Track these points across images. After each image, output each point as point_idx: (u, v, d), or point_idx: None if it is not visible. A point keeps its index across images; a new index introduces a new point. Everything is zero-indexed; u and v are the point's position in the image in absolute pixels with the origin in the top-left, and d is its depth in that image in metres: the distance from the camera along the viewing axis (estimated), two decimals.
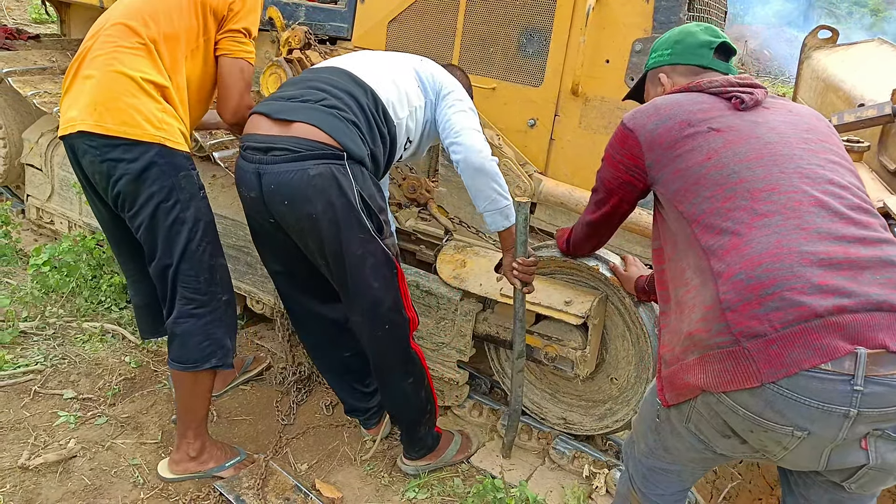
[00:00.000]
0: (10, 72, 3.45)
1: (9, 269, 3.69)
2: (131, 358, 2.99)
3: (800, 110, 1.60)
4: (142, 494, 2.27)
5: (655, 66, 1.84)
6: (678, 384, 1.42)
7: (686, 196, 1.49)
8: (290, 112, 1.97)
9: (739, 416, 1.31)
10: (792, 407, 1.24)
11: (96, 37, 2.14)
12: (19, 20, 8.15)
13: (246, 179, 2.00)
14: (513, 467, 2.56)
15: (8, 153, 3.81)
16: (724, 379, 1.30)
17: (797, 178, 1.39)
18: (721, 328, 1.30)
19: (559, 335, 2.45)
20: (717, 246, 1.38)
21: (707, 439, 1.45)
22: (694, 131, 1.52)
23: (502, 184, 2.13)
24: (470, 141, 2.11)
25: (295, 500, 2.28)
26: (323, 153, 1.92)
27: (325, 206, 1.93)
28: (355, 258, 2.01)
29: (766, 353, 1.24)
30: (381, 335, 2.15)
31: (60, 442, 2.46)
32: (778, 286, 1.26)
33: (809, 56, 3.71)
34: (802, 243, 1.30)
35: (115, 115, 2.02)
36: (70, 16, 4.31)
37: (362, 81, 2.09)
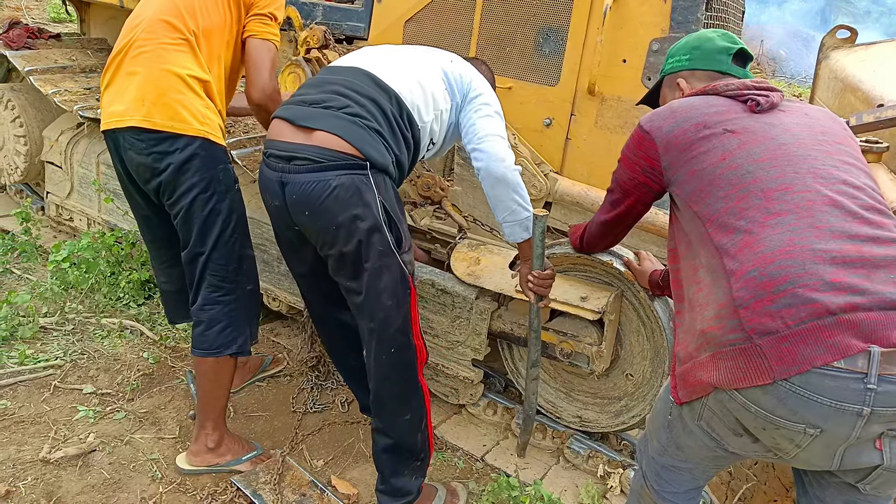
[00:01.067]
0: (31, 70, 3.49)
1: (29, 266, 3.74)
2: (149, 354, 3.02)
3: (815, 113, 1.61)
4: (160, 489, 2.30)
5: (673, 72, 1.85)
6: (691, 381, 1.43)
7: (701, 196, 1.50)
8: (313, 119, 1.92)
9: (751, 414, 1.31)
10: (804, 405, 1.24)
11: (135, 32, 2.18)
12: (38, 19, 8.24)
13: (270, 187, 1.98)
14: (527, 466, 2.57)
15: (28, 151, 3.85)
16: (736, 376, 1.30)
17: (811, 177, 1.40)
18: (734, 325, 1.31)
19: (575, 331, 2.45)
20: (729, 244, 1.39)
21: (719, 437, 1.45)
22: (709, 133, 1.54)
23: (524, 194, 2.07)
24: (493, 149, 2.03)
25: (311, 496, 2.30)
26: (345, 163, 1.88)
27: (346, 218, 1.89)
28: (372, 272, 1.95)
29: (779, 350, 1.24)
30: (386, 358, 2.04)
31: (80, 436, 2.49)
32: (790, 283, 1.26)
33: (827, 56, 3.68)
34: (815, 241, 1.30)
35: (164, 111, 2.11)
36: (90, 14, 4.35)
37: (386, 85, 2.02)
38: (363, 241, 1.91)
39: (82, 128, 3.67)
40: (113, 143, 2.21)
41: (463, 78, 2.18)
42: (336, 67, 2.14)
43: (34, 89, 3.52)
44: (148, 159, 2.14)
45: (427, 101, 2.08)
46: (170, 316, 2.69)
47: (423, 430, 2.15)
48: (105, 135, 2.22)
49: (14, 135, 3.84)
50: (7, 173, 3.99)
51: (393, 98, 2.01)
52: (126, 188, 2.35)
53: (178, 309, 2.61)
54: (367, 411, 2.56)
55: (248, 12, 2.28)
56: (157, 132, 2.11)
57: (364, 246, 1.92)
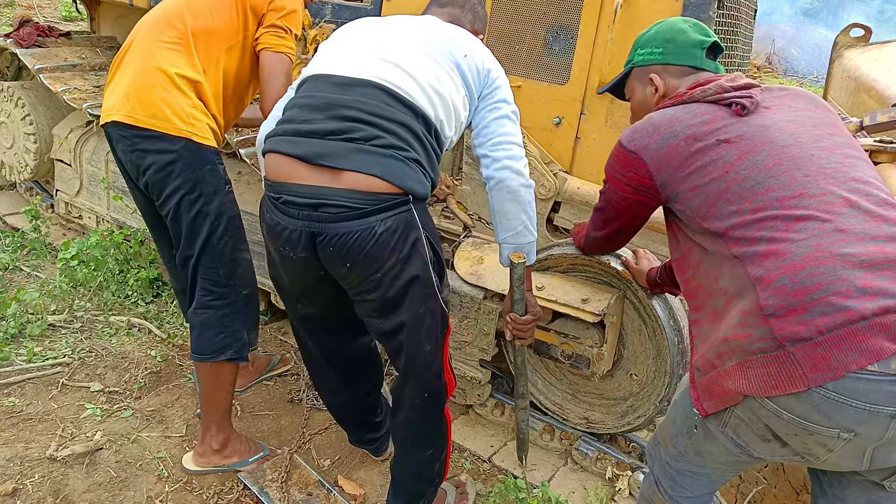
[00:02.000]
0: (41, 68, 3.50)
1: (38, 263, 3.75)
2: (157, 352, 3.02)
3: (798, 103, 1.58)
4: (166, 487, 2.30)
5: (644, 65, 1.80)
6: (717, 391, 1.40)
7: (709, 212, 1.47)
8: (337, 157, 1.63)
9: (783, 421, 1.30)
10: (839, 410, 1.23)
11: (139, 30, 2.21)
12: (49, 18, 8.28)
13: (289, 238, 1.68)
14: (535, 468, 2.55)
15: (38, 148, 3.86)
16: (768, 384, 1.28)
17: (822, 179, 1.38)
18: (764, 333, 1.29)
19: (576, 333, 2.43)
20: (752, 252, 1.37)
21: (745, 443, 1.43)
22: (703, 146, 1.50)
23: (533, 216, 1.89)
24: (509, 159, 1.83)
25: (318, 495, 2.30)
26: (389, 204, 1.64)
27: (393, 263, 1.69)
28: (415, 316, 1.78)
29: (812, 357, 1.23)
30: (419, 402, 1.91)
31: (87, 434, 2.50)
32: (823, 291, 1.25)
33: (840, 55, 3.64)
34: (842, 245, 1.28)
35: (146, 108, 2.09)
36: (99, 13, 4.36)
37: (410, 102, 1.73)
38: (409, 286, 1.74)
39: (91, 126, 3.68)
40: (108, 137, 2.23)
41: (480, 71, 1.90)
42: (338, 80, 1.75)
43: (44, 87, 3.53)
44: (132, 156, 2.14)
45: (450, 116, 1.83)
46: (184, 313, 2.68)
47: (443, 460, 2.08)
48: (103, 129, 2.23)
49: (24, 132, 3.86)
50: (17, 171, 4.00)
51: (420, 117, 1.75)
52: (128, 183, 2.35)
53: (186, 308, 2.60)
54: (362, 445, 2.46)
55: (262, 24, 2.26)
56: (138, 129, 2.09)
57: (410, 290, 1.74)
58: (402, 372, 1.90)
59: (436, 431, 2.01)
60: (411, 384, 1.90)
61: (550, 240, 2.60)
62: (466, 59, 1.87)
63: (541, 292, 2.38)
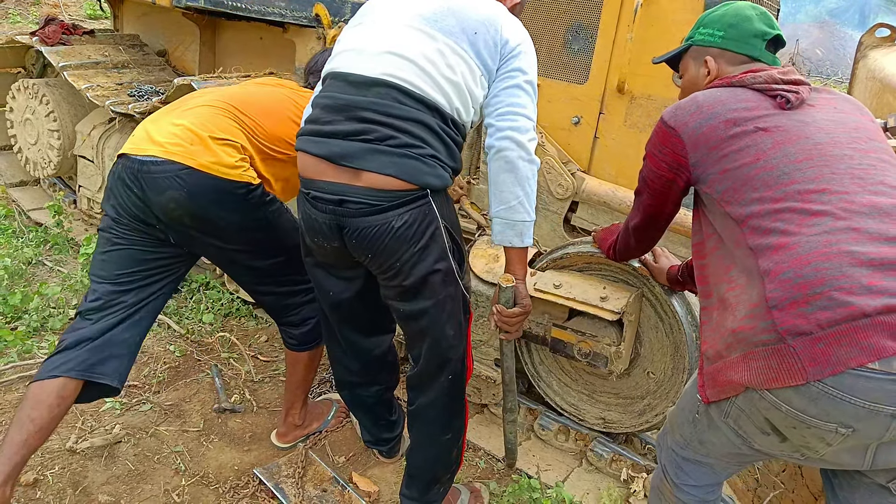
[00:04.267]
0: (65, 66, 3.55)
1: (60, 258, 3.81)
2: (175, 347, 3.05)
3: (844, 106, 1.57)
4: (183, 481, 2.32)
5: (703, 45, 1.77)
6: (721, 381, 1.41)
7: (734, 196, 1.47)
8: (355, 158, 1.70)
9: (782, 413, 1.30)
10: (837, 405, 1.23)
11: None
12: (75, 16, 8.39)
13: (321, 230, 1.81)
14: (549, 468, 2.54)
15: (62, 145, 3.92)
16: (768, 376, 1.29)
17: (848, 178, 1.38)
18: (766, 326, 1.29)
19: (593, 331, 2.42)
20: (765, 245, 1.37)
21: (746, 435, 1.43)
22: (740, 131, 1.50)
23: (530, 192, 1.80)
24: (512, 130, 1.76)
25: (332, 491, 2.31)
26: (405, 200, 1.71)
27: (411, 254, 1.76)
28: (436, 302, 1.84)
29: (812, 352, 1.23)
30: (443, 384, 1.96)
31: (106, 427, 2.53)
32: (826, 285, 1.25)
33: (865, 55, 3.59)
34: (852, 243, 1.28)
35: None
36: (123, 11, 4.42)
37: (422, 97, 1.74)
38: (429, 275, 1.80)
39: (114, 123, 3.72)
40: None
41: (496, 45, 1.82)
42: (354, 79, 1.78)
43: (68, 84, 3.58)
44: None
45: (465, 102, 1.81)
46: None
47: (459, 446, 2.13)
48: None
49: (48, 129, 3.91)
50: (41, 167, 4.06)
51: (434, 111, 1.76)
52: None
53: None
54: (376, 446, 2.50)
55: None
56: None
57: (430, 278, 1.81)
58: (425, 356, 1.94)
59: (455, 416, 2.06)
60: (434, 367, 1.95)
61: (567, 239, 2.59)
62: (478, 35, 1.81)
63: (558, 290, 2.37)
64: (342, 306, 2.07)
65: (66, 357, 2.01)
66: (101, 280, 2.08)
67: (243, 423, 2.65)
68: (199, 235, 2.06)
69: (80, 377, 1.99)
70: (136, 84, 3.63)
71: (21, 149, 4.12)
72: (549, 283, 2.41)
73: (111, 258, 2.08)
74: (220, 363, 2.99)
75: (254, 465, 2.41)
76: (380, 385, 2.30)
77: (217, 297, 3.42)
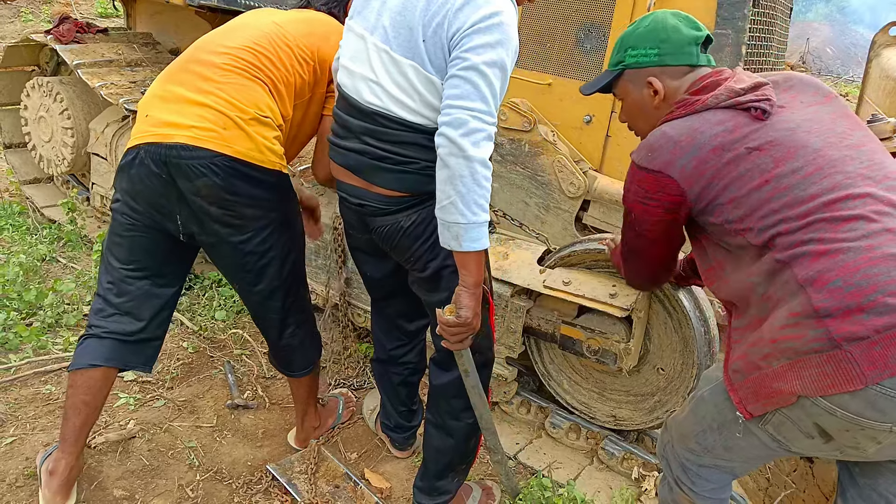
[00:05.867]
0: (79, 64, 3.57)
1: (74, 255, 3.84)
2: (189, 343, 3.08)
3: (806, 97, 1.56)
4: (197, 476, 2.34)
5: (639, 67, 1.70)
6: (765, 392, 1.40)
7: (752, 222, 1.45)
8: (365, 173, 1.85)
9: (836, 418, 1.32)
10: (894, 405, 1.26)
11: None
12: (86, 14, 8.44)
13: (353, 224, 2.04)
14: (560, 466, 2.55)
15: (75, 142, 3.94)
16: (824, 383, 1.29)
17: (860, 180, 1.39)
18: (819, 334, 1.29)
19: (602, 328, 2.42)
20: (800, 254, 1.36)
21: (785, 440, 1.43)
22: (733, 156, 1.47)
23: (465, 192, 1.61)
24: (446, 126, 1.61)
25: (345, 487, 2.32)
26: (410, 203, 1.86)
27: (424, 251, 1.90)
28: (450, 293, 1.85)
29: (870, 356, 1.25)
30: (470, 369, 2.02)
31: (121, 422, 2.55)
32: (879, 292, 1.26)
33: (879, 54, 3.58)
34: (892, 245, 1.30)
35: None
36: (136, 10, 4.44)
37: (407, 123, 1.75)
38: (441, 269, 1.91)
39: (127, 120, 3.75)
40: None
41: (444, 45, 1.67)
42: (352, 103, 1.83)
43: (82, 82, 3.60)
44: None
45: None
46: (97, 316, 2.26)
47: (477, 435, 2.17)
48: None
49: (62, 127, 3.94)
50: (54, 164, 4.08)
51: (419, 131, 1.77)
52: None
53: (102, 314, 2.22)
54: (394, 432, 2.53)
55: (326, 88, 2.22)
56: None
57: (442, 272, 1.92)
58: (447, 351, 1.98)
59: (478, 402, 2.07)
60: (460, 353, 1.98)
61: (578, 237, 2.59)
62: (426, 42, 1.70)
63: (568, 287, 2.38)
64: (378, 286, 2.27)
65: (103, 347, 2.11)
66: (116, 262, 2.11)
67: (256, 419, 2.67)
68: (221, 231, 2.02)
69: (118, 366, 2.14)
70: (150, 82, 3.65)
71: (35, 146, 4.15)
72: (558, 281, 2.41)
73: (125, 243, 2.09)
74: (233, 360, 3.01)
75: (266, 461, 2.43)
76: (408, 365, 2.41)
77: (230, 295, 3.44)
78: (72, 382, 2.11)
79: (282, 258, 2.14)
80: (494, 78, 1.63)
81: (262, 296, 2.17)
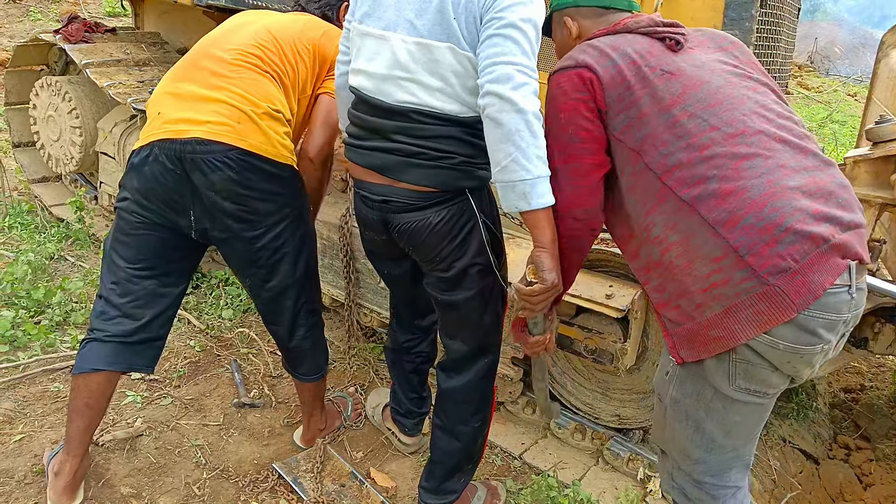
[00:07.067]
0: (87, 63, 3.59)
1: (82, 253, 3.86)
2: (196, 342, 3.09)
3: (714, 45, 1.63)
4: (203, 474, 2.35)
5: (560, 8, 1.77)
6: (701, 340, 1.45)
7: (656, 144, 1.48)
8: (394, 171, 1.80)
9: (780, 351, 1.40)
10: (823, 325, 1.37)
11: None
12: (94, 14, 8.48)
13: (371, 224, 1.95)
14: (566, 466, 2.55)
15: (83, 141, 3.96)
16: (760, 321, 1.37)
17: (756, 118, 1.47)
18: (745, 275, 1.36)
19: (599, 328, 2.42)
20: (705, 195, 1.41)
21: (760, 384, 1.48)
22: (649, 72, 1.52)
23: (525, 146, 1.54)
24: (490, 83, 1.56)
25: (350, 486, 2.33)
26: (442, 199, 1.80)
27: (451, 250, 1.85)
28: (475, 293, 1.92)
29: (794, 285, 1.34)
30: (480, 366, 2.05)
31: (128, 420, 2.57)
32: (787, 222, 1.35)
33: (887, 54, 3.56)
34: (787, 179, 1.40)
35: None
36: (144, 9, 4.46)
37: (441, 115, 1.73)
38: (468, 267, 1.88)
39: (135, 120, 3.76)
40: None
41: (476, 20, 1.66)
42: (377, 104, 1.80)
43: (90, 82, 3.62)
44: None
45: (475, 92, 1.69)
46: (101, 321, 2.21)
47: (484, 435, 2.17)
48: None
49: (70, 126, 3.96)
50: (63, 163, 4.11)
51: (456, 123, 1.75)
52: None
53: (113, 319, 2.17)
54: (404, 418, 2.53)
55: (331, 70, 2.20)
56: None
57: (469, 271, 1.89)
58: (463, 340, 2.01)
59: (485, 402, 2.11)
60: (471, 352, 2.02)
61: None
62: (458, 21, 1.68)
63: None
64: (395, 283, 2.27)
65: (105, 350, 2.08)
66: (122, 261, 2.08)
67: (262, 417, 2.68)
68: (234, 226, 2.02)
69: (121, 370, 2.13)
70: (157, 81, 3.66)
71: (44, 145, 4.18)
72: None
73: (132, 242, 2.08)
74: (240, 358, 3.03)
75: (273, 460, 2.44)
76: (420, 354, 2.41)
77: (236, 294, 3.45)
78: (74, 385, 2.10)
79: (294, 254, 2.14)
80: (531, 33, 1.62)
81: (274, 293, 2.17)
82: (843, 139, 7.91)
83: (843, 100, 10.75)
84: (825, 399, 3.42)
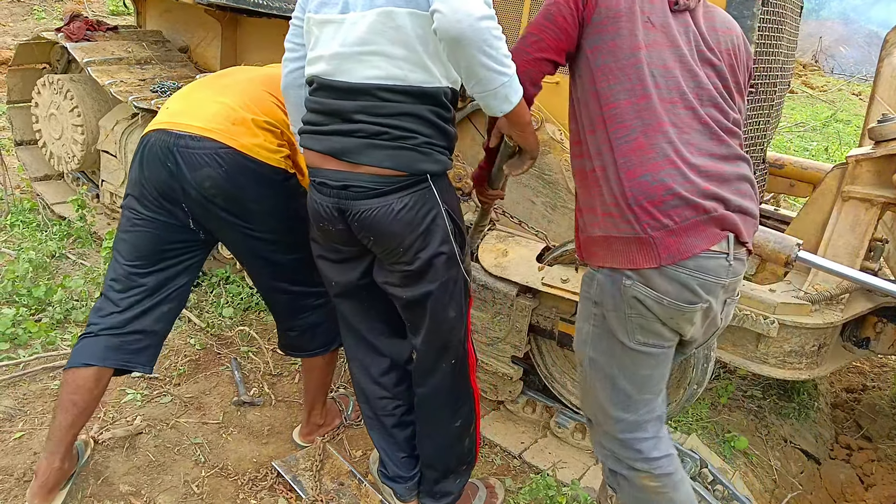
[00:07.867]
0: (89, 61, 3.59)
1: (83, 251, 3.87)
2: (196, 340, 3.09)
3: (717, 20, 1.73)
4: (203, 473, 2.35)
5: None
6: (589, 252, 1.70)
7: (608, 76, 1.60)
8: (354, 154, 1.76)
9: (664, 307, 1.58)
10: (700, 284, 1.56)
11: None
12: (98, 12, 8.49)
13: (325, 213, 1.85)
14: (565, 465, 2.55)
15: (85, 140, 3.97)
16: (627, 258, 1.57)
17: (693, 97, 1.60)
18: (629, 217, 1.56)
19: None
20: (623, 140, 1.57)
21: (655, 340, 1.64)
22: (636, 14, 1.60)
23: (494, 53, 1.53)
24: (441, 2, 1.51)
25: (349, 485, 2.33)
26: (404, 184, 1.77)
27: (413, 238, 1.81)
28: (440, 285, 1.89)
29: (666, 242, 1.53)
30: (447, 369, 2.00)
31: (128, 418, 2.57)
32: (676, 189, 1.53)
33: (891, 53, 3.54)
34: (690, 156, 1.56)
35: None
36: (146, 8, 4.46)
37: (406, 88, 1.73)
38: (433, 258, 1.85)
39: (137, 118, 3.77)
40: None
41: None
42: (338, 86, 1.78)
43: (92, 80, 3.63)
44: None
45: (444, 59, 1.71)
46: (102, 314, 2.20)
47: (472, 434, 2.13)
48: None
49: (72, 124, 3.96)
50: (65, 161, 4.12)
51: (423, 96, 1.75)
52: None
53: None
54: (393, 482, 2.21)
55: None
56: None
57: (434, 261, 1.85)
58: (426, 339, 1.98)
59: (463, 401, 2.07)
60: (436, 351, 1.99)
61: None
62: None
63: (566, 284, 2.38)
64: (348, 295, 2.07)
65: (98, 345, 2.08)
66: (121, 258, 2.12)
67: (262, 416, 2.68)
68: (228, 218, 2.05)
69: (114, 366, 2.10)
70: (159, 80, 3.66)
71: (45, 143, 4.18)
72: (556, 278, 2.42)
73: (130, 239, 2.10)
74: (240, 357, 3.03)
75: (272, 458, 2.44)
76: (400, 402, 2.17)
77: (237, 292, 3.45)
78: (64, 380, 2.09)
79: (291, 251, 2.17)
80: None
81: (272, 278, 2.23)
82: (847, 138, 7.89)
83: (847, 99, 10.72)
84: (827, 399, 3.41)
